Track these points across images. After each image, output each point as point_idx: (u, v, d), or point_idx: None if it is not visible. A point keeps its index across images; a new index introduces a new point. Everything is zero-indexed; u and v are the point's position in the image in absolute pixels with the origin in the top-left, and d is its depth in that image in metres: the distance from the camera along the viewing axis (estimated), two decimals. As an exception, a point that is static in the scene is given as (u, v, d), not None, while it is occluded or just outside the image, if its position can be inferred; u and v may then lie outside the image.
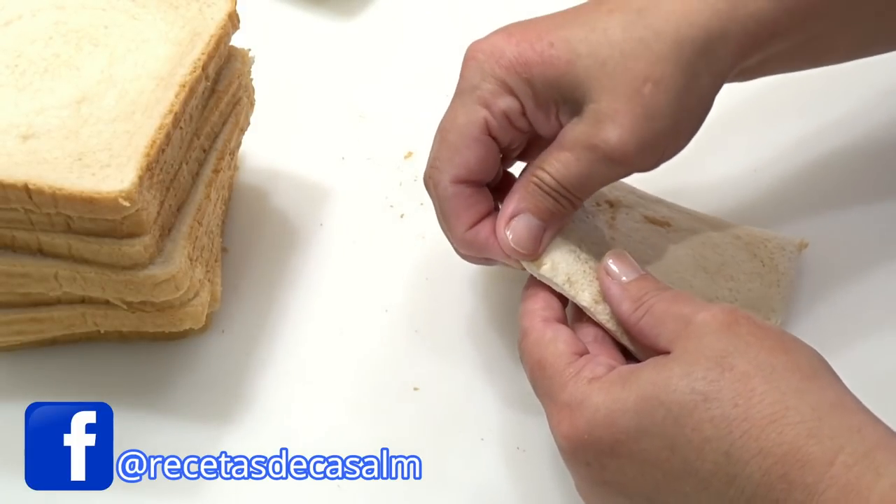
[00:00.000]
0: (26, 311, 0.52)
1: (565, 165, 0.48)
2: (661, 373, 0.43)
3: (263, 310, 0.58)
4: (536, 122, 0.50)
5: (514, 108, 0.49)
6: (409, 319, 0.58)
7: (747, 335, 0.43)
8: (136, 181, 0.47)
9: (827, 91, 0.67)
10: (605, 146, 0.47)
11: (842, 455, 0.39)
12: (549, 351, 0.47)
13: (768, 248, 0.57)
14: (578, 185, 0.49)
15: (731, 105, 0.62)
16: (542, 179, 0.49)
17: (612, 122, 0.47)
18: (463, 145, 0.49)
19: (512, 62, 0.48)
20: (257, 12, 0.62)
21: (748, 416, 0.41)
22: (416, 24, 0.73)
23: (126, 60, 0.52)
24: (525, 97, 0.49)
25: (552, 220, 0.50)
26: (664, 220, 0.57)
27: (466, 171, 0.50)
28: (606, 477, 0.44)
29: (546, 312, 0.49)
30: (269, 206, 0.63)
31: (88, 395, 0.54)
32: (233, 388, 0.55)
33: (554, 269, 0.50)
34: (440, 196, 0.50)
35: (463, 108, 0.50)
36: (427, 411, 0.55)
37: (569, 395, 0.45)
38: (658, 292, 0.47)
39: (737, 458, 0.41)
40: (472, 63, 0.49)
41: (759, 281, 0.56)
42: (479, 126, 0.49)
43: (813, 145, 0.65)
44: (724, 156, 0.64)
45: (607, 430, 0.43)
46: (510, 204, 0.50)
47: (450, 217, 0.51)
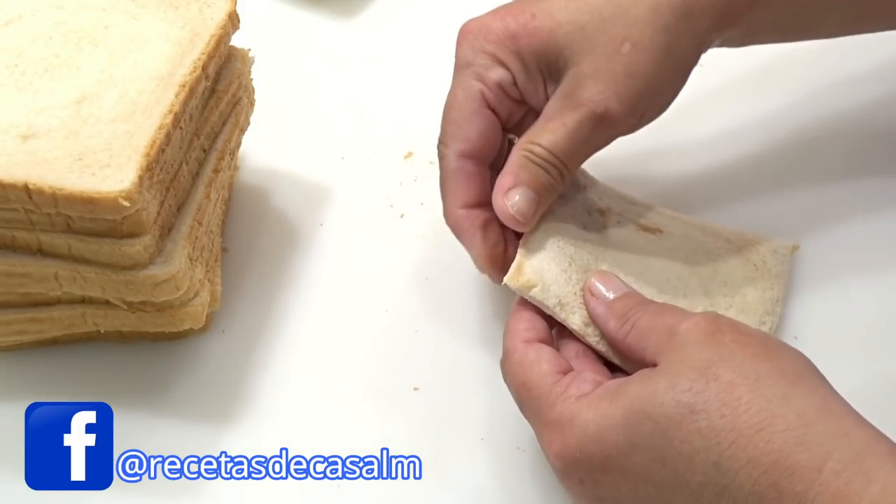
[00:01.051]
0: (26, 311, 0.52)
1: (551, 132, 0.50)
2: (646, 386, 0.43)
3: (263, 310, 0.58)
4: (528, 93, 0.52)
5: (506, 79, 0.51)
6: (409, 319, 0.58)
7: (731, 342, 0.43)
8: (136, 181, 0.47)
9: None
10: (588, 103, 0.49)
11: (830, 461, 0.39)
12: (533, 372, 0.47)
13: (760, 251, 0.57)
14: (567, 151, 0.50)
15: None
16: (532, 151, 0.50)
17: (592, 80, 0.49)
18: (464, 119, 0.52)
19: (499, 36, 0.51)
20: (257, 12, 0.62)
21: (735, 426, 0.41)
22: (416, 24, 0.73)
23: (126, 60, 0.52)
24: (515, 68, 0.51)
25: (544, 192, 0.51)
26: (656, 227, 0.56)
27: (470, 145, 0.52)
28: (601, 493, 0.44)
29: (528, 333, 0.49)
30: (269, 206, 0.63)
31: (88, 395, 0.54)
32: (233, 388, 0.55)
33: (545, 292, 0.50)
34: (444, 169, 0.53)
35: (460, 86, 0.52)
36: (427, 411, 0.55)
37: (557, 414, 0.45)
38: (642, 307, 0.48)
39: (726, 468, 0.41)
40: (464, 42, 0.52)
41: (752, 286, 0.56)
42: (477, 99, 0.51)
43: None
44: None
45: (598, 446, 0.43)
46: (505, 177, 0.51)
47: (448, 191, 0.53)
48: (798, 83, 0.67)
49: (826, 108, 0.66)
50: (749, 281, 0.56)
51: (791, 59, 0.64)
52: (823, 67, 0.67)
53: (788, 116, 0.66)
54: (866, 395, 0.44)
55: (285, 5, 0.74)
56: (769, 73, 0.66)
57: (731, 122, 0.65)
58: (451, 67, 0.53)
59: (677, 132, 0.62)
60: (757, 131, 0.66)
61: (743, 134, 0.65)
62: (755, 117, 0.66)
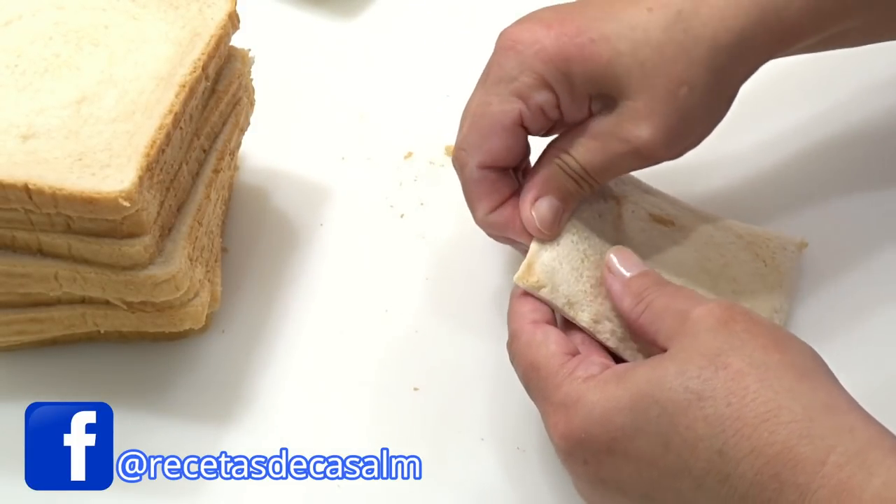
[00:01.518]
0: (26, 311, 0.52)
1: (592, 153, 0.50)
2: (655, 371, 0.43)
3: (263, 310, 0.58)
4: (569, 113, 0.51)
5: (550, 102, 0.50)
6: (409, 319, 0.58)
7: (742, 332, 0.44)
8: (136, 181, 0.47)
9: (823, 83, 0.67)
10: (638, 141, 0.49)
11: (833, 455, 0.39)
12: (541, 353, 0.47)
13: (770, 247, 0.57)
14: (601, 171, 0.51)
15: None
16: (566, 163, 0.51)
17: (646, 121, 0.48)
18: (493, 133, 0.50)
19: (552, 56, 0.49)
20: (257, 12, 0.62)
21: (741, 415, 0.41)
22: (416, 24, 0.73)
23: (126, 60, 0.52)
24: (562, 91, 0.49)
25: (571, 202, 0.52)
26: (669, 218, 0.56)
27: (493, 159, 0.51)
28: (603, 475, 0.44)
29: (535, 315, 0.49)
30: (269, 206, 0.63)
31: (88, 395, 0.54)
32: (233, 388, 0.55)
33: (554, 292, 0.50)
34: (466, 178, 0.52)
35: (497, 97, 0.50)
36: (427, 411, 0.55)
37: (564, 395, 0.45)
38: (658, 288, 0.48)
39: (730, 456, 0.41)
40: (511, 53, 0.49)
41: (761, 282, 0.56)
42: (513, 118, 0.50)
43: (809, 138, 0.65)
44: (719, 150, 0.64)
45: (603, 427, 0.43)
46: (534, 186, 0.51)
47: (473, 200, 0.52)
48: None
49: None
50: (758, 277, 0.56)
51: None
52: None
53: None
54: (871, 392, 0.44)
55: (285, 5, 0.74)
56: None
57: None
58: (451, 67, 0.53)
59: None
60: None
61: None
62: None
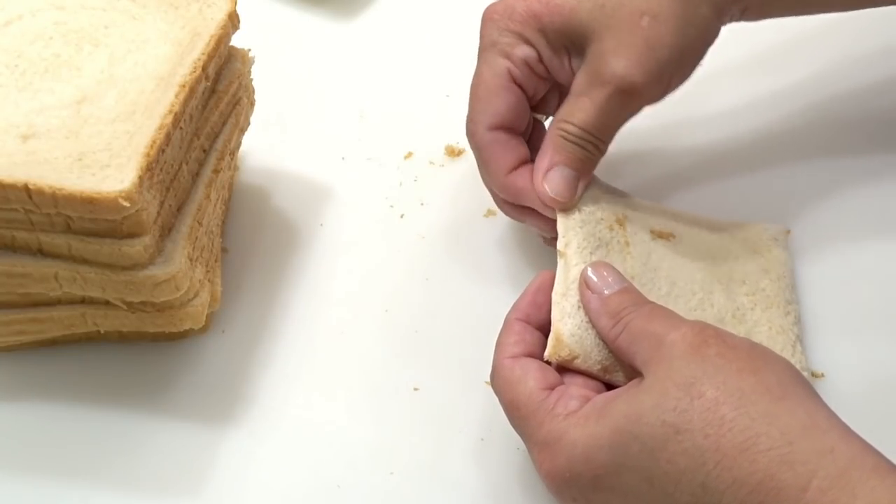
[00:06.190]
0: (26, 311, 0.52)
1: (582, 110, 0.51)
2: (632, 405, 0.43)
3: (263, 310, 0.58)
4: (553, 68, 0.53)
5: (532, 56, 0.53)
6: (409, 319, 0.58)
7: (716, 357, 0.43)
8: (136, 181, 0.47)
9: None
10: (615, 79, 0.50)
11: (815, 479, 0.39)
12: (520, 391, 0.47)
13: (763, 240, 0.58)
14: (599, 126, 0.52)
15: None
16: (566, 130, 0.52)
17: (616, 56, 0.50)
18: (493, 94, 0.53)
19: (523, 16, 0.52)
20: (257, 12, 0.62)
21: (719, 446, 0.41)
22: (416, 24, 0.73)
23: (126, 60, 0.52)
24: (540, 45, 0.53)
25: (583, 167, 0.53)
26: (668, 231, 0.56)
27: (499, 118, 0.53)
28: None
29: (516, 348, 0.49)
30: (269, 206, 0.63)
31: (88, 395, 0.54)
32: (233, 388, 0.55)
33: (587, 360, 0.49)
34: (478, 144, 0.54)
35: (486, 64, 0.53)
36: (427, 411, 0.55)
37: (546, 434, 0.45)
38: (636, 308, 0.48)
39: (713, 489, 0.41)
40: (489, 23, 0.54)
41: (766, 277, 0.56)
42: (504, 75, 0.53)
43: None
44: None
45: (586, 465, 0.44)
46: (543, 158, 0.53)
47: (489, 162, 0.54)
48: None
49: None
50: (763, 273, 0.56)
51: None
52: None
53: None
54: (863, 378, 0.43)
55: (285, 5, 0.74)
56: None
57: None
58: (451, 67, 0.53)
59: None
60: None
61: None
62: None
